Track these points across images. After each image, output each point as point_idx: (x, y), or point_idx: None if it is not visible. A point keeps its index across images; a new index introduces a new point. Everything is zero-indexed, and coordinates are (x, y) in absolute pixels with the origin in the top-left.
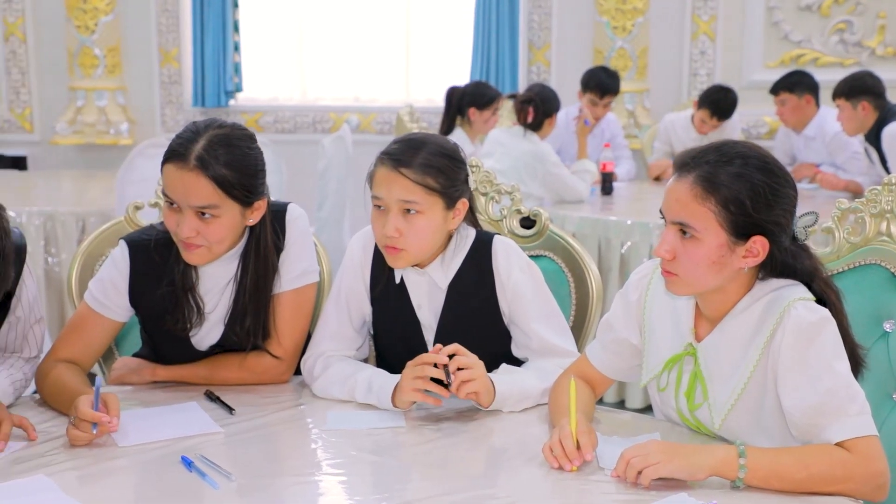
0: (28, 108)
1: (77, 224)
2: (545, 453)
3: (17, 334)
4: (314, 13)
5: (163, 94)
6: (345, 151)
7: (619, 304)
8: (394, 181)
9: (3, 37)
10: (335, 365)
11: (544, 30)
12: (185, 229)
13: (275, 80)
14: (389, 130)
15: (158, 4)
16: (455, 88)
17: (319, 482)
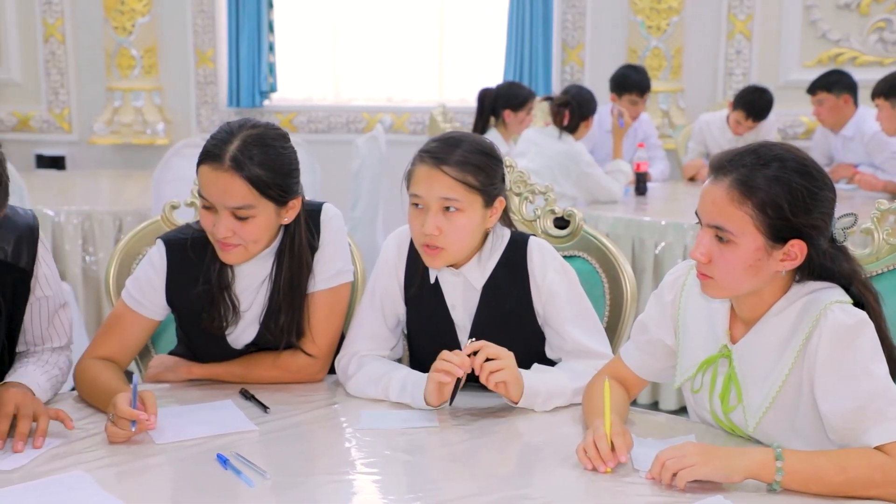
0: (67, 108)
1: (114, 223)
2: (579, 454)
3: (43, 319)
4: (348, 14)
5: (198, 94)
6: (378, 151)
7: (653, 304)
8: (434, 179)
9: (43, 38)
10: (369, 364)
11: (578, 29)
12: (221, 229)
13: (309, 80)
14: (422, 130)
15: (194, 5)
16: (488, 90)
17: (353, 481)
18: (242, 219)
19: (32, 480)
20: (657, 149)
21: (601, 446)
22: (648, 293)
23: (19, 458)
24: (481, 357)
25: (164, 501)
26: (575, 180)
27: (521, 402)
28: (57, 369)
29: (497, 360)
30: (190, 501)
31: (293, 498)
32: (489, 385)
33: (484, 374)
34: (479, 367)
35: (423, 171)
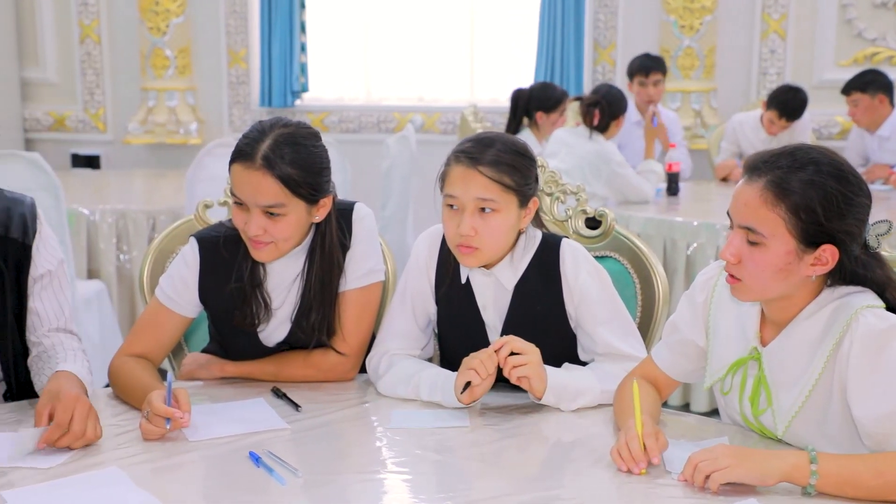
0: (102, 108)
1: (148, 222)
2: (613, 456)
3: (51, 296)
4: (380, 14)
5: (231, 94)
6: (409, 151)
7: (685, 305)
8: (471, 179)
9: (79, 39)
10: (400, 363)
11: (610, 29)
12: (252, 227)
13: (340, 80)
14: (453, 130)
15: (228, 6)
16: (521, 91)
17: (384, 480)
18: (274, 217)
19: (68, 476)
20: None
21: (633, 447)
22: (680, 294)
23: (55, 457)
24: (505, 351)
25: (197, 498)
26: (606, 180)
27: (544, 398)
28: (81, 352)
29: (520, 356)
30: (223, 498)
31: (324, 496)
32: (512, 379)
33: (507, 368)
34: (503, 361)
35: (458, 172)
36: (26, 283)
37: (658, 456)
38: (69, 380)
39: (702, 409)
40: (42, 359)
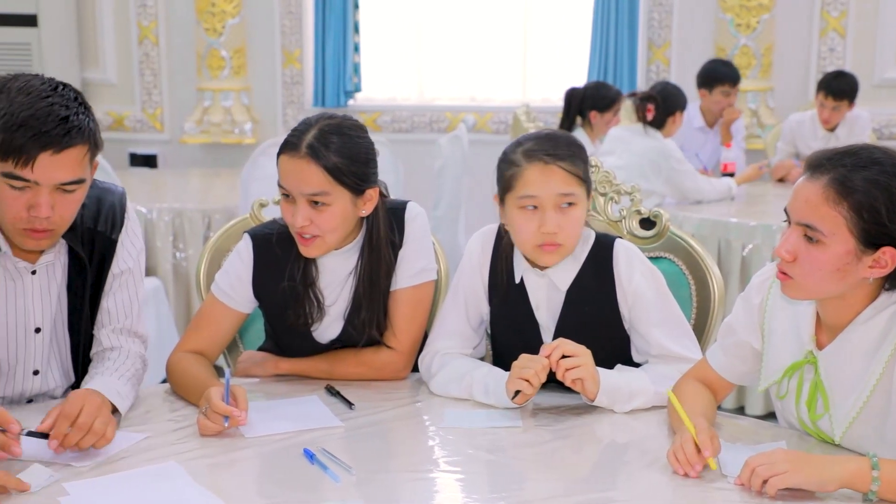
0: (159, 108)
1: (203, 220)
2: (669, 459)
3: (125, 296)
4: (432, 14)
5: (285, 94)
6: (461, 151)
7: (740, 306)
8: (551, 176)
9: (138, 40)
10: (452, 363)
11: (664, 28)
12: (298, 218)
13: (393, 80)
14: (505, 130)
15: (282, 6)
16: (574, 90)
17: (436, 479)
18: (319, 206)
19: (127, 470)
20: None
21: (687, 450)
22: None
23: (90, 458)
24: (557, 354)
25: (253, 494)
26: (665, 177)
27: (597, 399)
28: (130, 362)
29: (574, 358)
30: (277, 494)
31: (377, 494)
32: (566, 381)
33: (560, 371)
34: (555, 364)
35: (535, 171)
36: (105, 278)
37: (712, 453)
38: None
39: (757, 413)
40: (95, 362)
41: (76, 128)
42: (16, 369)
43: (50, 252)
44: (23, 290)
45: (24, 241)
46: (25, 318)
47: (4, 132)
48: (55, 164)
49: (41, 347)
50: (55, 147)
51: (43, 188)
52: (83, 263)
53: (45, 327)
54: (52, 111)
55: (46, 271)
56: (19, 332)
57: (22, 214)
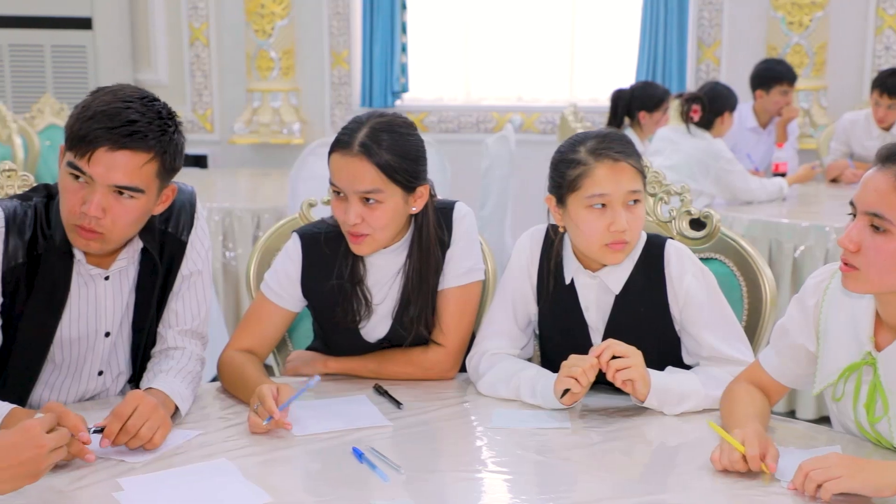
0: (210, 109)
1: (252, 220)
2: (714, 462)
3: (193, 297)
4: (480, 14)
5: (333, 94)
6: (508, 151)
7: (795, 308)
8: (621, 173)
9: (189, 42)
10: (500, 363)
11: (714, 27)
12: (351, 216)
13: (440, 80)
14: (553, 130)
15: (331, 8)
16: (622, 91)
17: (485, 479)
18: (371, 204)
19: (180, 466)
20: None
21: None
22: (787, 297)
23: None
24: (608, 355)
25: (302, 492)
26: (715, 178)
27: (648, 401)
28: (191, 364)
29: (624, 360)
30: (326, 492)
31: (425, 493)
32: (616, 382)
33: (610, 372)
34: (605, 365)
35: (604, 169)
36: (175, 279)
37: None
38: (152, 393)
39: (809, 416)
40: (158, 359)
41: (140, 133)
42: (82, 370)
43: (123, 258)
44: (95, 295)
45: (75, 239)
46: (97, 323)
47: (76, 121)
48: (111, 162)
49: (108, 349)
50: (113, 144)
51: (98, 186)
52: (155, 265)
53: (114, 330)
54: (125, 113)
55: (119, 276)
56: (90, 336)
57: (76, 209)
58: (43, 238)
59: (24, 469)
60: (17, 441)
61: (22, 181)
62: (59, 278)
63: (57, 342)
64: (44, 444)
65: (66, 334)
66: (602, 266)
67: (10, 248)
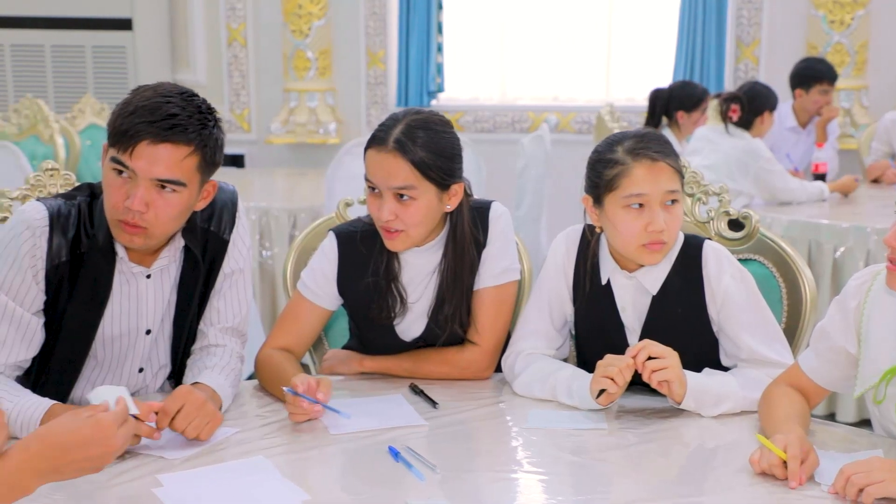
0: (247, 109)
1: (289, 219)
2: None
3: (234, 295)
4: (516, 13)
5: (368, 94)
6: (543, 151)
7: (835, 310)
8: (659, 173)
9: (227, 42)
10: (536, 363)
11: (753, 25)
12: (384, 212)
13: (475, 80)
14: (588, 130)
15: (367, 8)
16: (659, 91)
17: (520, 480)
18: (405, 201)
19: (217, 464)
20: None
21: (777, 474)
22: (826, 299)
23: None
24: (643, 356)
25: (338, 490)
26: (754, 177)
27: (684, 402)
28: (234, 362)
29: (660, 360)
30: (362, 490)
31: (461, 493)
32: (652, 383)
33: (646, 373)
34: (641, 365)
35: (644, 168)
36: (216, 277)
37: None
38: (199, 388)
39: (849, 420)
40: (200, 356)
41: (181, 126)
42: (123, 367)
43: (164, 256)
44: (136, 294)
45: (119, 235)
46: (138, 321)
47: (117, 117)
48: (152, 156)
49: (149, 347)
50: (154, 137)
51: (141, 180)
52: (196, 263)
53: (155, 328)
54: (165, 107)
55: (161, 275)
56: (131, 334)
57: (120, 204)
58: (86, 237)
59: (89, 464)
60: (89, 437)
61: (64, 180)
62: (101, 276)
63: (99, 339)
64: (114, 444)
65: (107, 331)
66: (639, 266)
67: (54, 247)
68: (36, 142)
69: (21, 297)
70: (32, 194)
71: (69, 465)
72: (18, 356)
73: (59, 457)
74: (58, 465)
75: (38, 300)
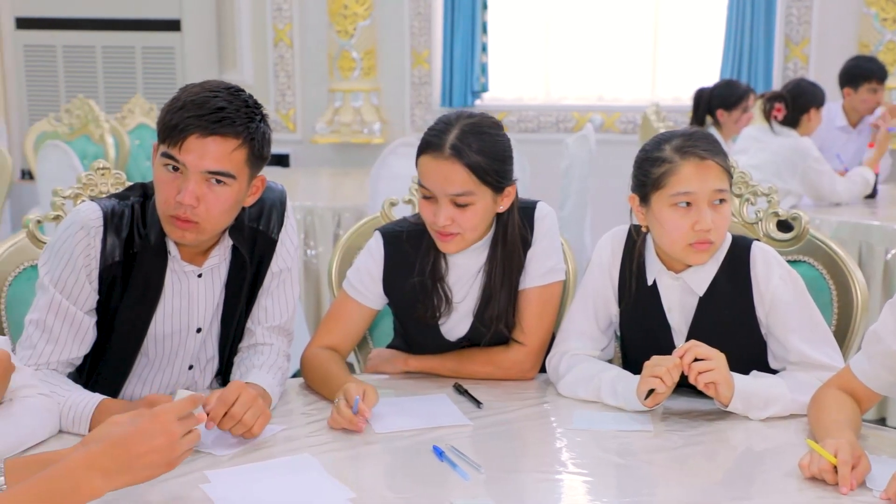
0: (293, 109)
1: (333, 218)
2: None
3: (282, 294)
4: (561, 13)
5: (413, 94)
6: (588, 151)
7: (888, 313)
8: (707, 172)
9: (273, 42)
10: (580, 364)
11: (803, 24)
12: (441, 218)
13: (520, 79)
14: (634, 130)
15: (412, 8)
16: (702, 90)
17: (565, 481)
18: (462, 206)
19: (264, 461)
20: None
21: (827, 479)
22: (877, 302)
23: (229, 448)
24: (690, 357)
25: (383, 487)
26: (801, 177)
27: (731, 405)
28: (281, 360)
29: (706, 362)
30: (407, 489)
31: (505, 493)
32: (699, 385)
33: (693, 375)
34: (687, 367)
35: (691, 167)
36: (265, 276)
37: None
38: (248, 384)
39: None
40: (247, 354)
41: (228, 119)
42: (173, 364)
43: (215, 255)
44: (188, 293)
45: (171, 231)
46: (189, 319)
47: (166, 113)
48: (202, 149)
49: (198, 345)
50: (202, 131)
51: (191, 174)
52: (244, 262)
53: (205, 326)
54: (213, 101)
55: (211, 274)
56: (182, 332)
57: (171, 199)
58: (139, 237)
59: (157, 457)
60: (147, 427)
61: (115, 179)
62: (153, 275)
63: (150, 337)
64: (174, 430)
65: (159, 330)
66: (686, 267)
67: (108, 247)
68: (87, 141)
69: (75, 295)
70: (84, 193)
71: (136, 462)
72: (71, 353)
73: (122, 453)
74: (124, 463)
75: (91, 299)
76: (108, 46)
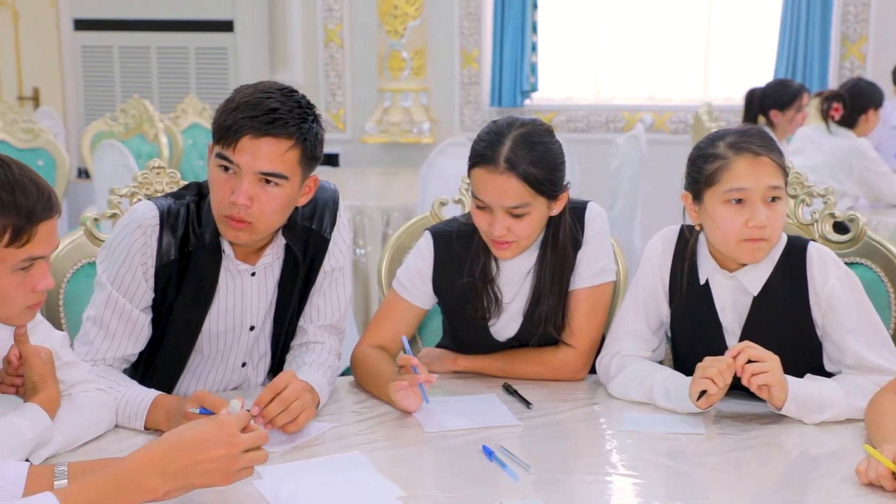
0: (342, 108)
1: (382, 218)
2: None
3: (335, 293)
4: (611, 11)
5: (462, 94)
6: (638, 151)
7: None
8: (762, 168)
9: (324, 42)
10: (631, 365)
11: (861, 22)
12: (497, 229)
13: (570, 79)
14: (685, 130)
15: (462, 8)
16: (754, 90)
17: (614, 483)
18: (517, 216)
19: (315, 458)
20: None
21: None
22: None
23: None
24: (743, 358)
25: (432, 486)
26: (858, 178)
27: (785, 408)
28: (330, 359)
29: (760, 364)
30: (456, 488)
31: (555, 494)
32: (752, 387)
33: (746, 376)
34: (741, 368)
35: (745, 162)
36: (316, 274)
37: None
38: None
39: None
40: (299, 352)
41: (281, 120)
42: (227, 361)
43: (268, 254)
44: (241, 291)
45: (226, 231)
46: (242, 317)
47: (221, 115)
48: (255, 150)
49: (251, 342)
50: (256, 132)
51: (245, 174)
52: (297, 261)
53: (258, 324)
54: (266, 102)
55: (264, 273)
56: (235, 330)
57: (225, 199)
58: (194, 236)
59: (214, 465)
60: (209, 435)
61: (169, 178)
62: (208, 274)
63: (204, 335)
64: (237, 443)
65: (213, 327)
66: (740, 266)
67: (164, 245)
68: (141, 141)
69: (131, 293)
70: (140, 191)
71: (194, 468)
72: (126, 350)
73: (183, 457)
74: (183, 468)
75: (147, 297)
76: (163, 47)
